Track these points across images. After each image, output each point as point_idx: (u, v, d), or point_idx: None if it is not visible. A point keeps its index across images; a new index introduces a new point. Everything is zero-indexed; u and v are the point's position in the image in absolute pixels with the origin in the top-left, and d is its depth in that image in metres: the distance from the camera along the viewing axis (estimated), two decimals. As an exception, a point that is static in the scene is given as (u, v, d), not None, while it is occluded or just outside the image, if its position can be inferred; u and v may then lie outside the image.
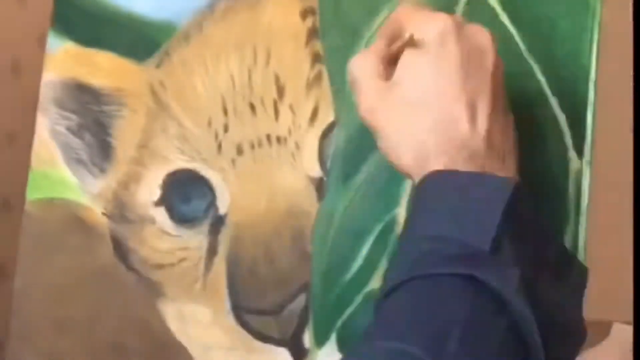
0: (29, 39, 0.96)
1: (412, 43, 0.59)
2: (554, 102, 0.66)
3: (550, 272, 0.55)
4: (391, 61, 0.61)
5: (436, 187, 0.56)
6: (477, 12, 0.68)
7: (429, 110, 0.58)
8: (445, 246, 0.53)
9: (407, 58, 0.59)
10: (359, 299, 0.71)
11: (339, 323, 0.71)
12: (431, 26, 0.59)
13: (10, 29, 0.96)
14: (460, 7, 0.69)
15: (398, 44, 0.61)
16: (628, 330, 0.69)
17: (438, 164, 0.56)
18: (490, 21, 0.68)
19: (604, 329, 0.85)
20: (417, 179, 0.58)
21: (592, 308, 0.62)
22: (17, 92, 0.98)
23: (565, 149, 0.65)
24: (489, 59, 0.59)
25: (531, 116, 0.66)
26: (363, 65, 0.62)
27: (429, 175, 0.56)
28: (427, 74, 0.58)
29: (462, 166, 0.56)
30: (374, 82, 0.60)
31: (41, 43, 0.87)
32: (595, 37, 0.66)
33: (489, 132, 0.58)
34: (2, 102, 0.96)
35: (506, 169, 0.58)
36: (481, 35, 0.60)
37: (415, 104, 0.58)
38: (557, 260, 0.56)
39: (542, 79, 0.66)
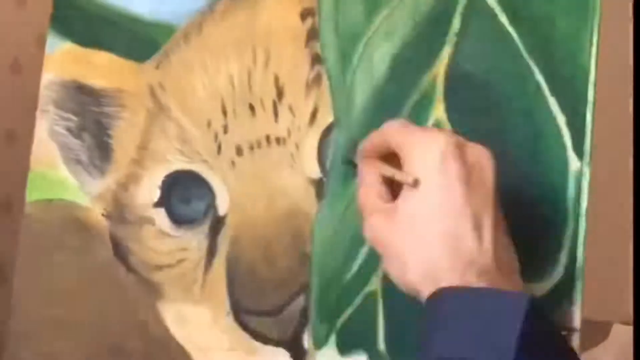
0: (28, 39, 0.96)
1: (415, 185, 0.60)
2: (553, 102, 0.66)
3: None
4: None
5: (452, 304, 0.56)
6: (477, 12, 0.68)
7: (435, 226, 0.58)
8: None
9: (407, 194, 0.60)
10: (358, 300, 0.70)
11: (339, 324, 0.71)
12: (432, 147, 0.60)
13: (10, 29, 0.96)
14: (460, 7, 0.69)
15: (398, 176, 0.61)
16: (628, 331, 0.69)
17: (450, 280, 0.57)
18: (490, 21, 0.68)
19: (604, 330, 0.85)
20: (426, 293, 0.58)
21: (592, 309, 0.62)
22: (16, 91, 0.97)
23: (564, 150, 0.65)
24: (488, 176, 0.60)
25: (530, 116, 0.66)
26: (366, 192, 0.63)
27: (443, 291, 0.56)
28: (431, 192, 0.59)
29: (474, 282, 0.56)
30: (377, 204, 0.61)
31: (40, 43, 0.87)
32: (595, 37, 0.66)
33: (495, 248, 0.58)
34: (1, 102, 0.96)
35: (514, 286, 0.58)
36: (481, 153, 0.60)
37: (421, 221, 0.59)
38: None
39: (541, 79, 0.66)
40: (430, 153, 0.60)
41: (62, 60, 0.83)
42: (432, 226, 0.58)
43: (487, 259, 0.58)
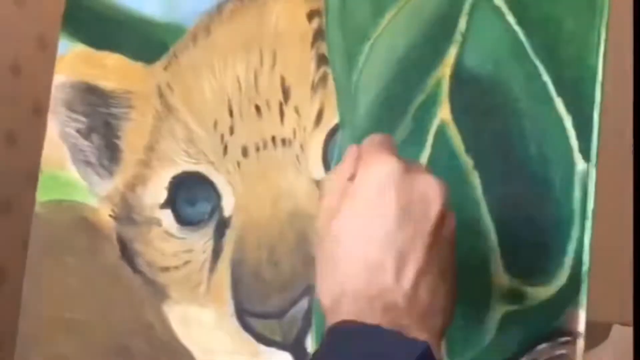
0: (27, 40, 0.96)
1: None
2: (559, 103, 0.65)
3: None
4: None
5: (339, 338, 0.54)
6: (483, 12, 0.68)
7: (358, 253, 0.56)
8: None
9: (350, 191, 0.57)
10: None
11: (342, 327, 0.70)
12: (376, 169, 0.57)
13: (9, 30, 0.97)
14: (466, 7, 0.68)
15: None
16: (628, 332, 0.68)
17: (348, 312, 0.54)
18: (496, 21, 0.67)
19: (604, 331, 0.84)
20: (329, 321, 0.56)
21: (592, 310, 0.61)
22: (16, 92, 0.98)
23: (570, 151, 0.64)
24: (433, 211, 0.56)
25: (536, 117, 0.65)
26: (324, 202, 0.60)
27: (336, 324, 0.55)
28: (360, 218, 0.56)
29: (371, 317, 0.54)
30: (325, 212, 0.58)
31: (40, 43, 0.87)
32: (602, 37, 0.65)
33: (414, 287, 0.55)
34: (0, 103, 0.97)
35: (426, 330, 0.55)
36: (429, 186, 0.56)
37: (346, 242, 0.56)
38: None
39: (547, 80, 0.65)
40: (375, 174, 0.57)
41: (73, 62, 0.84)
42: (352, 250, 0.56)
43: (397, 295, 0.55)
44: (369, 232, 0.56)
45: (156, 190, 0.79)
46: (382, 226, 0.56)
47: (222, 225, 0.76)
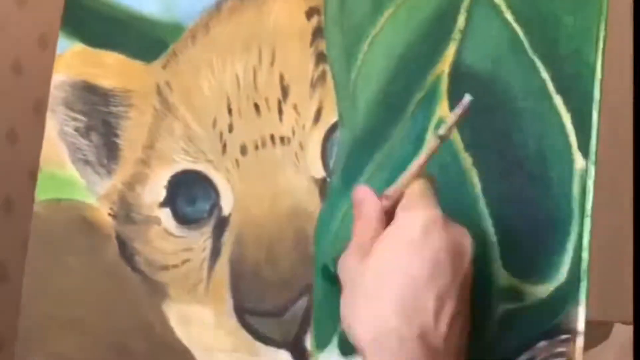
0: (29, 39, 0.96)
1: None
2: (558, 100, 0.65)
3: None
4: None
5: None
6: (482, 9, 0.68)
7: (397, 296, 0.58)
8: None
9: (388, 238, 0.60)
10: (360, 300, 0.70)
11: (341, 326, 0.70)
12: (421, 214, 0.60)
13: (11, 29, 0.97)
14: (465, 4, 0.68)
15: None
16: (628, 331, 0.68)
17: (392, 353, 0.57)
18: (495, 18, 0.67)
19: (605, 330, 0.84)
20: (370, 357, 0.58)
21: (593, 309, 0.61)
22: (17, 91, 0.98)
23: (569, 148, 0.64)
24: (466, 261, 0.60)
25: (535, 115, 0.65)
26: (356, 239, 0.63)
27: None
28: (403, 258, 0.59)
29: (421, 358, 0.57)
30: (356, 249, 0.61)
31: (41, 43, 0.87)
32: (602, 34, 0.64)
33: (449, 330, 0.58)
34: (2, 102, 0.96)
35: None
36: (464, 237, 0.60)
37: (384, 285, 0.58)
38: None
39: (546, 77, 0.65)
40: (421, 219, 0.59)
41: (72, 60, 0.83)
42: (395, 288, 0.58)
43: (438, 338, 0.57)
44: (413, 272, 0.58)
45: (155, 189, 0.79)
46: (425, 268, 0.58)
47: (221, 224, 0.75)
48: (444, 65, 0.68)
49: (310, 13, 0.75)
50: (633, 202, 0.62)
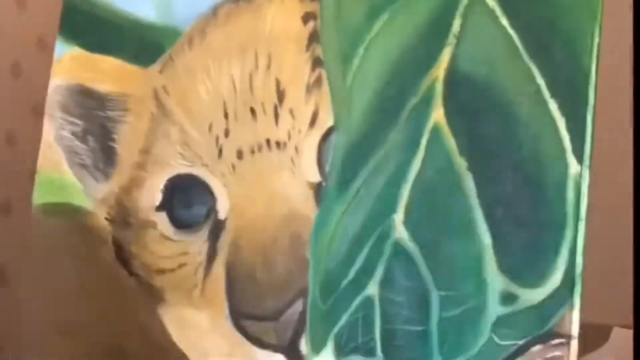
0: (28, 41, 0.97)
1: None
2: (553, 105, 0.65)
3: None
4: None
5: None
6: (477, 14, 0.68)
7: None
8: None
9: None
10: (355, 305, 0.70)
11: (336, 329, 0.70)
12: None
13: (10, 31, 0.97)
14: (460, 9, 0.68)
15: None
16: (628, 335, 0.68)
17: None
18: (490, 23, 0.67)
19: (604, 333, 0.84)
20: None
21: (591, 312, 0.61)
22: (16, 93, 0.98)
23: (563, 153, 0.64)
24: None
25: (530, 119, 0.65)
26: None
27: None
28: None
29: None
30: None
31: (40, 45, 0.87)
32: (596, 40, 0.65)
33: None
34: (1, 104, 0.96)
35: None
36: None
37: None
38: None
39: (541, 82, 0.66)
40: None
41: (70, 65, 0.84)
42: None
43: None
44: None
45: (151, 193, 0.79)
46: None
47: (217, 228, 0.76)
48: (439, 71, 0.69)
49: (307, 18, 0.75)
50: (633, 205, 0.63)
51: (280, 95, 0.74)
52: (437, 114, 0.68)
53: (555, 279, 0.64)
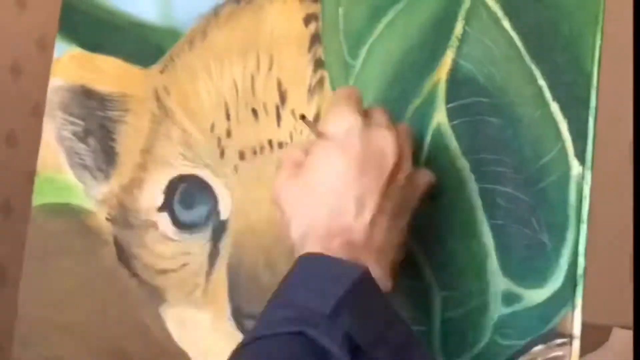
0: (28, 41, 0.96)
1: (322, 137, 0.65)
2: (555, 107, 0.66)
3: (390, 350, 0.59)
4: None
5: (304, 265, 0.62)
6: (479, 16, 0.68)
7: (323, 197, 0.63)
8: (291, 311, 0.60)
9: (315, 148, 0.65)
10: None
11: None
12: (340, 122, 0.65)
13: (10, 31, 0.97)
14: (462, 12, 0.69)
15: (309, 126, 0.67)
16: (628, 335, 0.69)
17: (314, 247, 0.62)
18: (492, 26, 0.68)
19: (604, 334, 0.84)
20: (298, 251, 0.64)
21: (591, 312, 0.61)
22: (16, 93, 0.98)
23: (566, 155, 0.65)
24: (389, 161, 0.64)
25: (532, 122, 0.66)
26: (288, 151, 0.69)
27: (302, 255, 0.63)
28: (328, 164, 0.64)
29: (334, 252, 0.62)
30: (289, 166, 0.66)
31: (40, 45, 0.87)
32: (597, 42, 0.65)
33: (371, 227, 0.63)
34: (1, 104, 0.96)
35: (378, 263, 0.63)
36: (383, 139, 0.64)
37: (314, 189, 0.64)
38: (398, 341, 0.60)
39: (543, 84, 0.66)
40: (338, 128, 0.64)
41: (70, 65, 0.84)
42: (320, 198, 0.63)
43: (357, 234, 0.62)
44: (335, 178, 0.63)
45: (153, 194, 0.79)
46: (346, 172, 0.63)
47: (219, 229, 0.76)
48: (442, 72, 0.69)
49: (308, 19, 0.75)
50: (633, 206, 0.63)
51: (282, 97, 0.75)
52: (440, 116, 0.69)
53: (557, 279, 0.64)
